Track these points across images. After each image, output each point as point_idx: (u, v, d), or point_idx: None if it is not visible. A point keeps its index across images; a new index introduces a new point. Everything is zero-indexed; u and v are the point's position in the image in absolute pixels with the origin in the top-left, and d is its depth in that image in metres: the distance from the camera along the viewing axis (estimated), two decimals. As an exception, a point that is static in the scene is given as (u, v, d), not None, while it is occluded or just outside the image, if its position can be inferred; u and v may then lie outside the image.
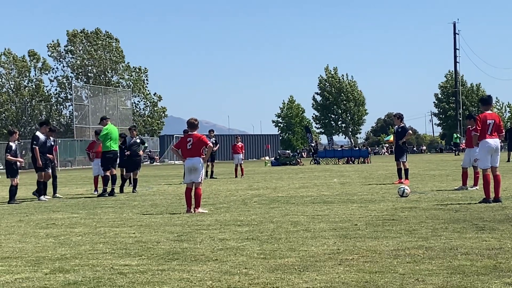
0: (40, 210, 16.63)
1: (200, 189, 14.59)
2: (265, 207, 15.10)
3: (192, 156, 14.49)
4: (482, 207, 13.53)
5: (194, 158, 14.45)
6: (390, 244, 8.95)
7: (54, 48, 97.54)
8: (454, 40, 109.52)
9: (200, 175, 14.49)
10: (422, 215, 12.38)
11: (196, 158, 14.44)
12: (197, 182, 14.44)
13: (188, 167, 14.66)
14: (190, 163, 14.53)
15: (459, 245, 8.68)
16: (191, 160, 14.48)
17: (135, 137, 23.46)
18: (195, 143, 14.47)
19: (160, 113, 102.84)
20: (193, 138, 14.53)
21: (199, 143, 14.48)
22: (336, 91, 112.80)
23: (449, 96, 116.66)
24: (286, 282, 6.83)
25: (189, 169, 14.63)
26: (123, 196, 20.66)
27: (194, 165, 14.42)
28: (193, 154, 14.48)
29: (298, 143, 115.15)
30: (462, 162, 19.02)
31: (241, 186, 24.48)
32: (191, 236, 10.50)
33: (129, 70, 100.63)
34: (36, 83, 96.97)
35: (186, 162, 14.74)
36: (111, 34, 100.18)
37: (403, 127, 23.28)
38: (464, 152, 19.18)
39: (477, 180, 18.08)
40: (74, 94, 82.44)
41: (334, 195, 18.10)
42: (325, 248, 8.80)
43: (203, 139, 14.56)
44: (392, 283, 6.60)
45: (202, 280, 7.05)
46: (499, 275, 6.84)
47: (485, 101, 15.21)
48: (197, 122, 14.91)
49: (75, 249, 9.54)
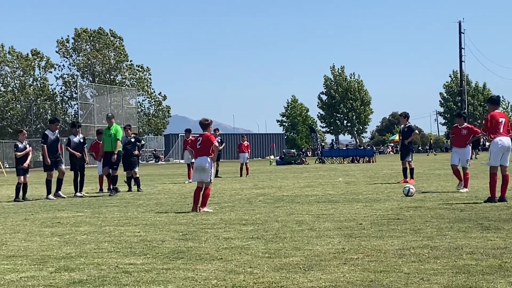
0: (45, 208, 16.66)
1: (209, 189, 14.52)
2: (270, 206, 15.09)
3: (200, 155, 14.49)
4: (487, 206, 13.50)
5: (202, 158, 14.44)
6: (395, 244, 8.94)
7: (62, 45, 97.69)
8: (460, 39, 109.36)
9: (209, 174, 14.41)
10: (427, 214, 12.36)
11: (204, 158, 14.41)
12: (207, 181, 14.38)
13: (196, 166, 14.67)
14: (198, 163, 14.54)
15: (464, 245, 8.66)
16: (199, 159, 14.48)
17: (129, 136, 23.34)
18: (204, 142, 14.48)
19: (164, 112, 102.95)
20: (203, 137, 14.56)
21: (207, 142, 14.48)
22: (342, 90, 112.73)
23: (454, 95, 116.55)
24: (291, 281, 6.82)
25: (196, 168, 14.63)
26: (128, 195, 20.68)
27: (201, 165, 14.38)
28: (202, 153, 14.47)
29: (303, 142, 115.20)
30: (451, 160, 18.44)
31: (246, 185, 24.48)
32: (196, 235, 10.50)
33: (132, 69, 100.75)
34: (41, 81, 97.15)
35: (195, 161, 14.78)
36: (115, 33, 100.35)
37: (409, 126, 23.26)
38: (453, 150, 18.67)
39: (467, 181, 17.80)
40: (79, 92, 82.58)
41: (339, 194, 18.09)
42: (330, 247, 8.79)
43: (210, 138, 14.55)
44: (397, 283, 6.59)
45: (207, 279, 7.05)
46: (504, 274, 6.83)
47: (494, 101, 15.06)
48: (208, 122, 14.78)
49: (80, 247, 9.54)
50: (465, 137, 18.04)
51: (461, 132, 18.16)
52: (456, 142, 18.23)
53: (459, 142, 18.10)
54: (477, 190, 17.76)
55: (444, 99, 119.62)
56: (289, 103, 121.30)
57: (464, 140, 18.02)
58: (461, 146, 18.01)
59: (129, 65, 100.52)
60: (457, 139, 18.23)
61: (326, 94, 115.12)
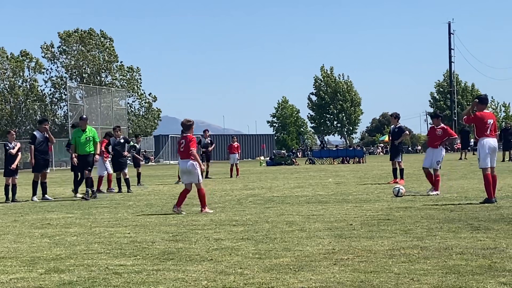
0: (35, 210, 16.60)
1: (203, 189, 14.29)
2: (260, 207, 15.09)
3: (184, 158, 14.33)
4: (477, 207, 13.54)
5: (185, 161, 14.24)
6: (385, 244, 8.96)
7: (47, 49, 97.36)
8: (449, 40, 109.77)
9: (196, 175, 14.26)
10: (417, 215, 12.39)
11: (186, 161, 14.18)
12: (197, 183, 14.27)
13: (182, 169, 14.59)
14: (183, 166, 14.34)
15: (454, 245, 8.69)
16: (184, 162, 14.25)
17: (119, 138, 23.23)
18: (186, 145, 14.31)
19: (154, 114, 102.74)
20: (186, 139, 14.37)
21: (189, 145, 14.25)
22: (332, 91, 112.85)
23: (445, 96, 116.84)
24: (281, 282, 6.83)
25: (182, 171, 14.54)
26: (118, 196, 20.64)
27: (186, 168, 14.21)
28: (185, 156, 14.30)
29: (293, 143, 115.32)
30: (423, 162, 17.90)
31: (236, 186, 24.48)
32: (186, 236, 10.49)
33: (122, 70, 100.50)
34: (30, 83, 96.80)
35: (180, 164, 14.64)
36: (106, 34, 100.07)
37: (399, 127, 23.29)
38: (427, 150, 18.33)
39: (437, 184, 17.32)
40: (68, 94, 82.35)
41: (329, 195, 18.10)
42: (320, 248, 8.80)
43: (191, 143, 14.22)
44: (387, 283, 6.60)
45: (197, 280, 7.04)
46: (494, 274, 6.85)
47: (483, 100, 14.91)
48: (190, 123, 14.48)
49: (70, 249, 9.52)
50: (439, 138, 17.77)
51: (435, 132, 17.91)
52: (430, 142, 17.92)
53: (432, 142, 17.84)
54: (467, 191, 17.81)
55: (434, 99, 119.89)
56: (280, 104, 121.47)
57: (437, 141, 17.74)
58: (434, 147, 17.72)
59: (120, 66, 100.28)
60: (431, 140, 17.95)
61: (316, 95, 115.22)
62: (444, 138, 17.72)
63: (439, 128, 17.87)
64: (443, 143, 17.78)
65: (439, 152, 17.56)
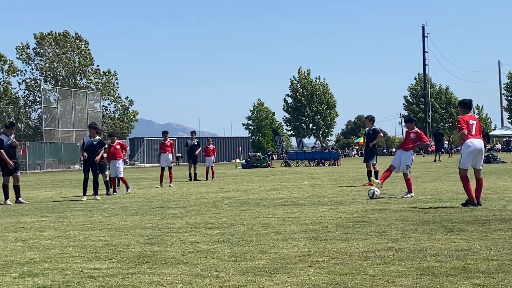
0: (8, 213, 16.46)
1: None
2: (236, 210, 15.09)
3: None
4: (451, 209, 13.63)
5: None
6: (360, 246, 8.99)
7: (23, 50, 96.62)
8: (423, 43, 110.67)
9: None
10: (391, 217, 12.45)
11: None
12: None
13: None
14: None
15: (429, 247, 8.74)
16: None
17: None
18: None
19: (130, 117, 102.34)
20: None
21: None
22: (308, 93, 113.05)
23: (418, 99, 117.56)
24: (256, 284, 6.83)
25: None
26: (93, 200, 20.51)
27: None
28: None
29: (269, 145, 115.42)
30: (392, 161, 17.98)
31: (212, 188, 24.45)
32: (162, 239, 10.45)
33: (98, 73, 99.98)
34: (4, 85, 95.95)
35: None
36: (81, 36, 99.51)
37: (374, 129, 23.40)
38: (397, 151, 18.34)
39: (409, 186, 17.40)
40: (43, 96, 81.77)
41: (304, 197, 18.14)
42: (296, 250, 8.82)
43: None
44: (363, 285, 6.63)
45: (173, 283, 7.02)
46: (468, 276, 6.90)
47: (466, 104, 14.78)
48: None
49: (44, 252, 9.45)
50: (411, 141, 17.76)
51: (409, 135, 18.00)
52: (402, 144, 18.00)
53: (404, 145, 17.87)
54: (441, 193, 17.93)
55: (408, 102, 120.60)
56: (255, 107, 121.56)
57: (410, 144, 17.79)
58: (405, 149, 17.76)
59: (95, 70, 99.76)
60: (404, 142, 18.04)
61: (292, 97, 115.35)
62: (416, 142, 17.79)
63: (413, 132, 17.96)
64: (415, 148, 17.84)
65: (409, 156, 17.59)
